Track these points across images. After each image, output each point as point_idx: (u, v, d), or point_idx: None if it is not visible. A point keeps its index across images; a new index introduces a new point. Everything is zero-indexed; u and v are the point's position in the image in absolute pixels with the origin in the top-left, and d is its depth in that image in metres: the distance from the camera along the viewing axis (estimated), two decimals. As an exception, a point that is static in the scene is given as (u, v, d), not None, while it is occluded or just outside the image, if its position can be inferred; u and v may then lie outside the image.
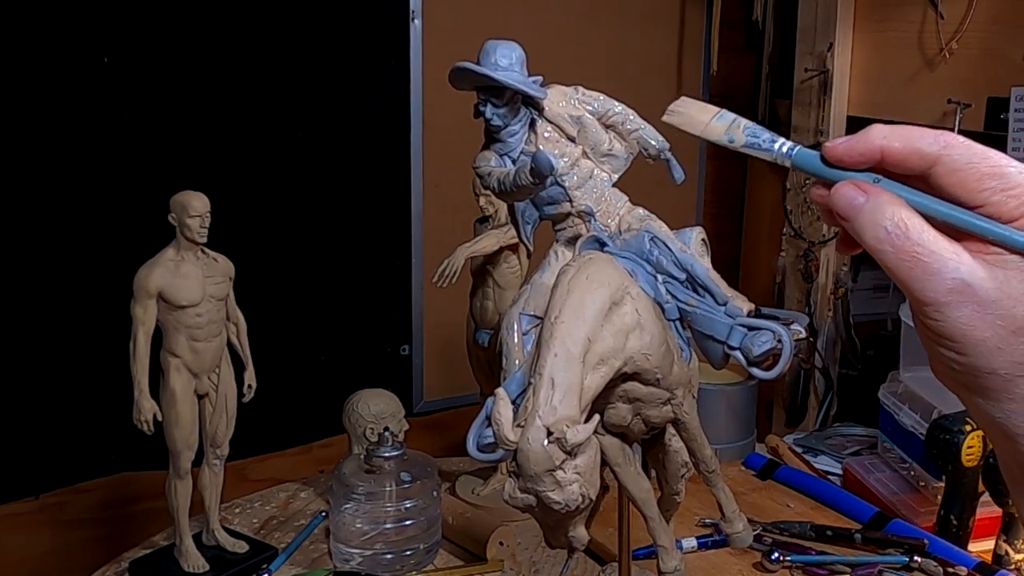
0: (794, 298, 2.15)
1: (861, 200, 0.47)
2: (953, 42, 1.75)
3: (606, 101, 0.73)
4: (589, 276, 0.62)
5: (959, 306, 0.45)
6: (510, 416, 0.57)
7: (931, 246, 0.45)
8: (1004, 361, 0.46)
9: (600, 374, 0.61)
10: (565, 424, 0.55)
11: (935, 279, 0.45)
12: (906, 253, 0.46)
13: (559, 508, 0.57)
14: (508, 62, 0.68)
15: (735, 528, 0.81)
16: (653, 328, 0.64)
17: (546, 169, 0.64)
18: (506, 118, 0.69)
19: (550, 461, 0.55)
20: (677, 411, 0.69)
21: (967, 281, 0.45)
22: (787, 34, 2.19)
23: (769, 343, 0.62)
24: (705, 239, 0.73)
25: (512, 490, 0.57)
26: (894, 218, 0.46)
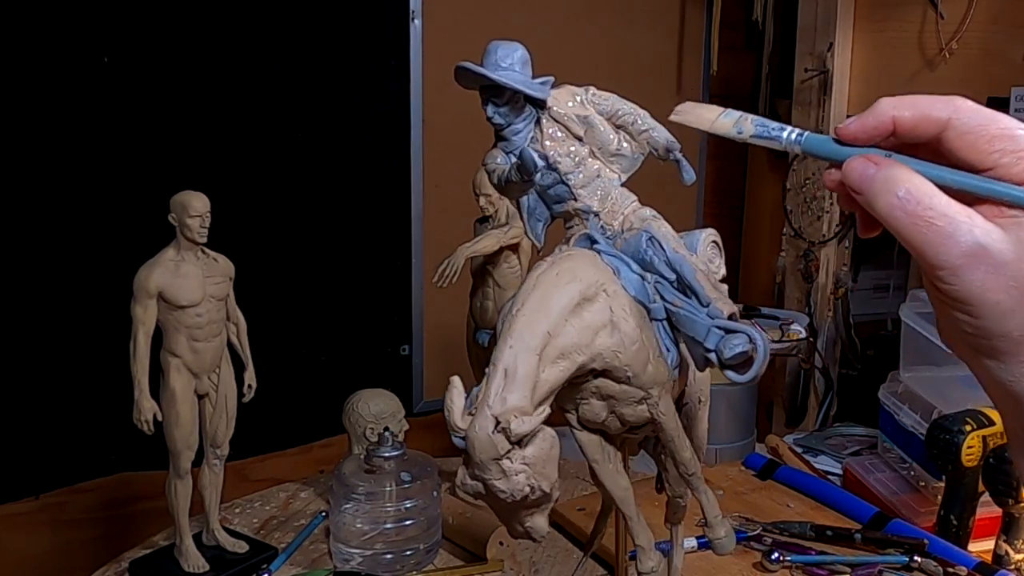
0: (794, 298, 2.15)
1: (872, 171, 0.48)
2: (953, 42, 1.75)
3: (617, 101, 0.73)
4: (560, 272, 0.63)
5: (973, 269, 0.45)
6: (461, 404, 0.58)
7: (943, 210, 0.45)
8: (1018, 323, 0.46)
9: (559, 368, 0.61)
10: (513, 415, 0.56)
11: (949, 242, 0.45)
12: (919, 218, 0.46)
13: (504, 497, 0.57)
14: (509, 62, 0.69)
15: (717, 534, 0.81)
16: (626, 326, 0.65)
17: (530, 166, 0.65)
18: (507, 117, 0.70)
19: (495, 450, 0.56)
20: (652, 411, 0.69)
21: (981, 243, 0.45)
22: (787, 34, 2.19)
23: (741, 346, 0.62)
24: (717, 241, 0.74)
25: (463, 476, 0.58)
26: (906, 184, 0.46)
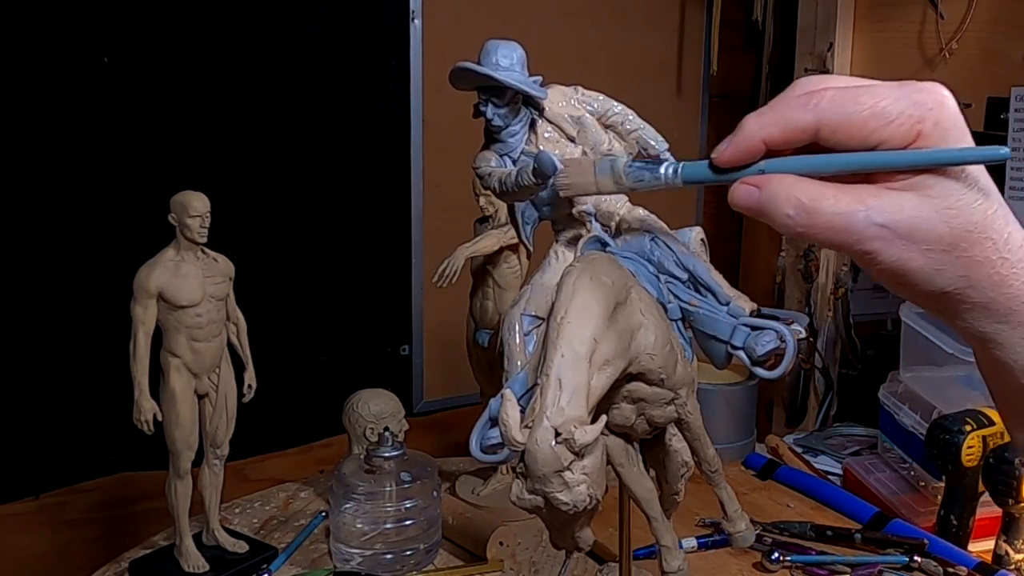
0: (794, 298, 2.15)
1: (756, 196, 0.48)
2: (953, 42, 1.75)
3: (605, 101, 0.73)
4: (593, 276, 0.62)
5: (887, 246, 0.46)
6: (518, 417, 0.56)
7: (833, 209, 0.46)
8: (948, 278, 0.47)
9: (606, 374, 0.61)
10: (573, 425, 0.55)
11: (854, 234, 0.46)
12: (817, 227, 0.47)
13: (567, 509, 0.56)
14: (509, 62, 0.68)
15: (738, 527, 0.81)
16: (657, 328, 0.64)
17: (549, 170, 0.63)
18: (507, 118, 0.69)
19: (558, 462, 0.55)
20: (681, 411, 0.69)
21: (880, 223, 0.46)
22: (787, 34, 2.19)
23: (773, 343, 0.62)
24: (704, 239, 0.73)
25: (520, 491, 0.57)
26: (790, 203, 0.47)
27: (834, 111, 0.46)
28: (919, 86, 0.46)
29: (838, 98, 0.46)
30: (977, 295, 0.48)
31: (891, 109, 0.45)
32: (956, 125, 0.46)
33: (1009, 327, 0.49)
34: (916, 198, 0.46)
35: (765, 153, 0.49)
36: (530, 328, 0.65)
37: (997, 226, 0.47)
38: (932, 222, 0.46)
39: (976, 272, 0.47)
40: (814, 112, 0.46)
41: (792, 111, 0.47)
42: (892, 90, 0.46)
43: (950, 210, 0.46)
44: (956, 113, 0.46)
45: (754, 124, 0.48)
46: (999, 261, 0.47)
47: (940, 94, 0.46)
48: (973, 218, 0.46)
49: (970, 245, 0.46)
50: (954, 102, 0.47)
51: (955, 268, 0.47)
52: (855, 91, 0.46)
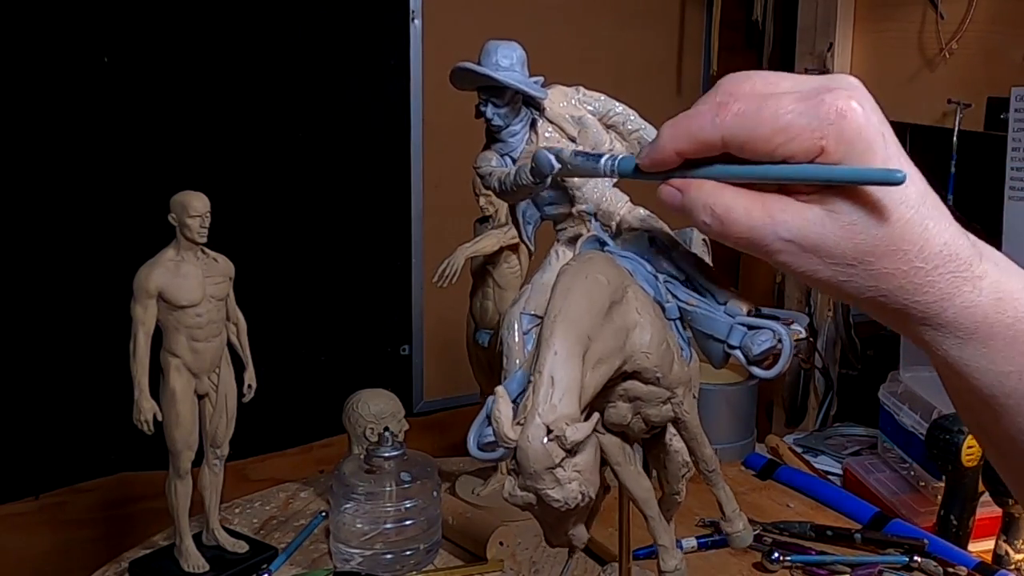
0: (794, 298, 2.15)
1: (678, 198, 0.50)
2: (953, 42, 1.75)
3: (607, 101, 0.73)
4: (588, 275, 0.62)
5: (795, 259, 0.47)
6: (510, 414, 0.56)
7: (743, 222, 0.47)
8: (858, 288, 0.48)
9: (600, 372, 0.61)
10: (564, 422, 0.55)
11: (763, 247, 0.47)
12: (730, 236, 0.48)
13: (559, 506, 0.56)
14: (509, 62, 0.68)
15: (736, 527, 0.81)
16: (653, 327, 0.64)
17: (546, 168, 0.63)
18: (507, 118, 0.69)
19: (549, 459, 0.55)
20: (677, 410, 0.69)
21: (786, 238, 0.47)
22: (787, 34, 2.19)
23: (769, 342, 0.62)
24: (706, 239, 0.73)
25: (512, 488, 0.57)
26: (705, 212, 0.48)
27: (738, 127, 0.46)
28: (823, 98, 0.45)
29: (742, 112, 0.46)
30: (890, 303, 0.48)
31: (793, 124, 0.45)
32: (860, 137, 0.45)
33: (932, 329, 0.48)
34: (822, 213, 0.46)
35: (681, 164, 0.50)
36: (529, 327, 0.65)
37: (910, 235, 0.46)
38: (834, 238, 0.46)
39: (886, 283, 0.47)
40: (719, 129, 0.47)
41: (702, 126, 0.47)
42: (797, 102, 0.45)
43: (853, 226, 0.46)
44: (861, 123, 0.45)
45: (667, 136, 0.49)
46: (911, 271, 0.46)
47: (844, 104, 0.45)
48: (878, 232, 0.46)
49: (877, 259, 0.46)
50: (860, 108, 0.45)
51: (864, 279, 0.47)
52: (760, 103, 0.46)
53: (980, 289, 0.47)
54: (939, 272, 0.46)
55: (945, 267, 0.46)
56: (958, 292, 0.47)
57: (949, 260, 0.47)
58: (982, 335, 0.48)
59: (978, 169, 1.72)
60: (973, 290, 0.47)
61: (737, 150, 0.47)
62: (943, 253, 0.46)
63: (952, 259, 0.47)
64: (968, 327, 0.47)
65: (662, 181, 0.52)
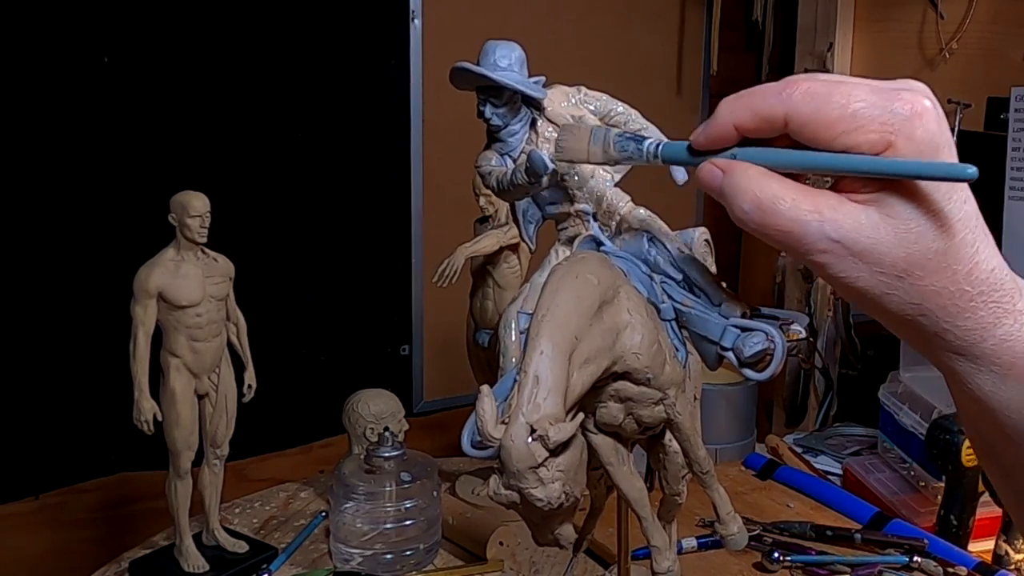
0: (794, 298, 2.15)
1: (720, 179, 0.47)
2: (953, 42, 1.75)
3: (608, 101, 0.73)
4: (579, 275, 0.62)
5: (838, 261, 0.44)
6: (494, 412, 0.57)
7: (789, 214, 0.44)
8: (899, 303, 0.45)
9: (587, 372, 0.61)
10: (548, 422, 0.55)
11: (805, 244, 0.45)
12: (770, 228, 0.45)
13: (542, 505, 0.57)
14: (507, 62, 0.68)
15: (730, 530, 0.81)
16: (644, 328, 0.64)
17: (540, 168, 0.63)
18: (505, 118, 0.69)
19: (532, 458, 0.55)
20: (669, 411, 0.69)
21: (834, 238, 0.44)
22: (787, 34, 2.19)
23: (761, 344, 0.62)
24: (708, 240, 0.73)
25: (496, 487, 0.57)
26: (748, 197, 0.45)
27: (805, 105, 0.44)
28: (899, 93, 0.43)
29: (812, 91, 0.44)
30: (930, 324, 0.45)
31: (863, 113, 0.43)
32: (931, 141, 0.43)
33: (966, 360, 0.46)
34: (877, 216, 0.44)
35: (739, 139, 0.47)
36: (526, 326, 0.65)
37: (961, 255, 0.44)
38: (888, 245, 0.43)
39: (930, 301, 0.45)
40: (785, 104, 0.44)
41: (765, 99, 0.45)
42: (870, 93, 0.43)
43: (909, 234, 0.43)
44: (934, 128, 0.43)
45: (727, 109, 0.47)
46: (957, 292, 0.44)
47: (920, 104, 0.43)
48: (933, 246, 0.44)
49: (927, 273, 0.44)
50: (936, 114, 0.44)
51: (907, 294, 0.44)
52: (832, 87, 0.44)
53: (1022, 324, 0.45)
54: (983, 299, 0.45)
55: (990, 295, 0.45)
56: (999, 323, 0.45)
57: (994, 289, 0.45)
58: (1019, 371, 0.45)
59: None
60: (1014, 324, 0.45)
61: (798, 131, 0.44)
62: (989, 280, 0.45)
63: (997, 288, 0.45)
64: (1006, 361, 0.45)
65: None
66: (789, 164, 0.46)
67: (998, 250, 0.46)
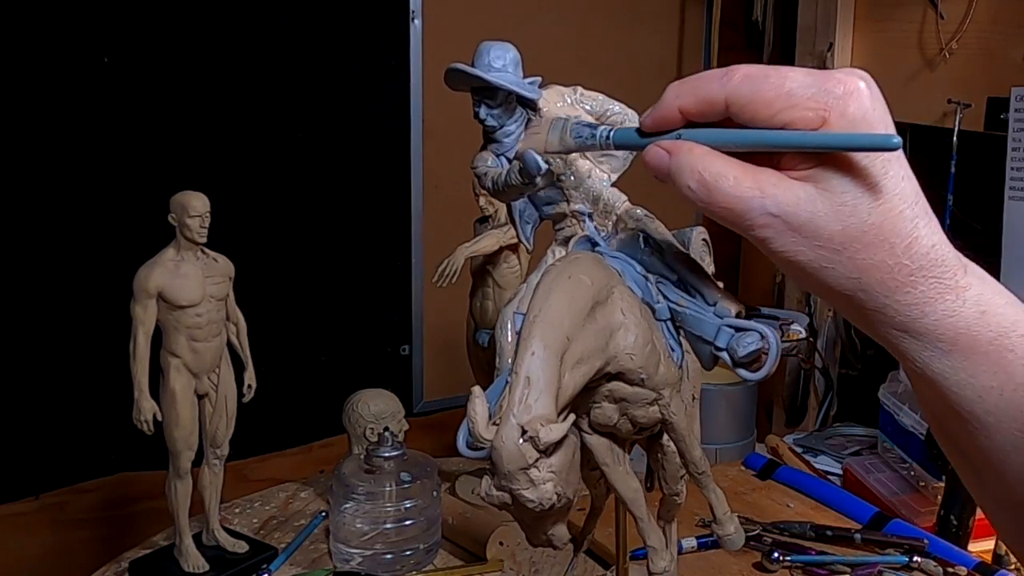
0: (794, 298, 2.15)
1: (666, 160, 0.49)
2: (953, 42, 1.75)
3: (605, 101, 0.73)
4: (571, 275, 0.62)
5: (778, 236, 0.46)
6: (485, 413, 0.57)
7: (731, 191, 0.46)
8: (837, 277, 0.46)
9: (580, 373, 0.61)
10: (539, 423, 0.55)
11: (747, 220, 0.46)
12: (714, 205, 0.47)
13: (533, 506, 0.57)
14: (502, 63, 0.68)
15: (727, 530, 0.81)
16: (638, 328, 0.64)
17: (533, 169, 0.63)
18: (500, 119, 0.69)
19: (523, 459, 0.55)
20: (664, 412, 0.69)
21: (774, 213, 0.45)
22: (787, 34, 2.19)
23: (755, 344, 0.61)
24: (707, 239, 0.73)
25: (488, 487, 0.57)
26: (692, 175, 0.47)
27: (743, 88, 0.46)
28: (833, 74, 0.45)
29: (750, 75, 0.46)
30: (869, 300, 0.46)
31: (798, 92, 0.45)
32: (864, 118, 0.44)
33: (909, 337, 0.47)
34: (814, 191, 0.45)
35: (685, 123, 0.49)
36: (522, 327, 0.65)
37: (899, 229, 0.45)
38: (825, 219, 0.45)
39: (868, 275, 0.45)
40: (725, 88, 0.46)
41: (707, 83, 0.47)
42: (806, 75, 0.45)
43: (844, 207, 0.44)
44: (867, 105, 0.44)
45: (673, 93, 0.49)
46: (895, 267, 0.45)
47: (854, 84, 0.45)
48: (869, 219, 0.44)
49: (863, 247, 0.45)
50: (869, 93, 0.45)
51: (845, 268, 0.45)
52: (769, 70, 0.46)
53: (964, 300, 0.46)
54: (923, 274, 0.45)
55: (930, 270, 0.45)
56: (941, 299, 0.46)
57: (935, 264, 0.45)
58: (963, 347, 0.46)
59: (978, 169, 1.72)
60: (956, 300, 0.46)
61: (738, 112, 0.46)
62: (930, 256, 0.45)
63: (938, 264, 0.46)
64: (949, 337, 0.46)
65: None
66: (730, 142, 0.47)
67: (940, 228, 0.47)
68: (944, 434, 0.53)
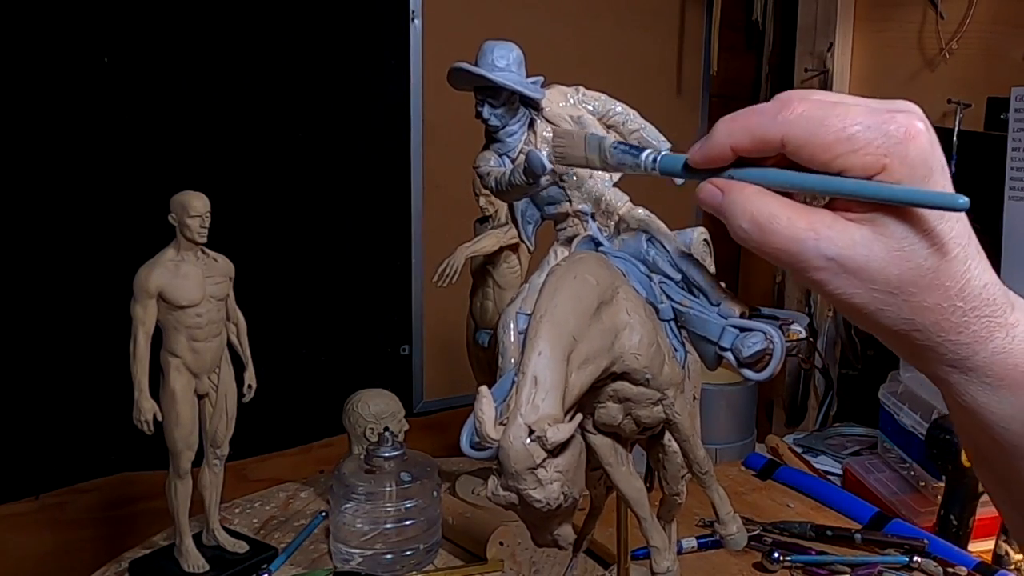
0: (794, 298, 2.15)
1: (719, 199, 0.48)
2: (953, 42, 1.75)
3: (607, 101, 0.73)
4: (577, 275, 0.62)
5: (833, 278, 0.45)
6: (492, 414, 0.56)
7: (786, 232, 0.45)
8: (893, 319, 0.46)
9: (586, 373, 0.61)
10: (547, 423, 0.55)
11: (801, 261, 0.46)
12: (768, 246, 0.46)
13: (540, 506, 0.56)
14: (505, 63, 0.68)
15: (730, 530, 0.81)
16: (643, 328, 0.64)
17: (538, 168, 0.63)
18: (503, 118, 0.69)
19: (531, 459, 0.55)
20: (668, 412, 0.69)
21: (829, 256, 0.45)
22: (787, 34, 2.19)
23: (759, 344, 0.62)
24: (708, 239, 0.73)
25: (495, 488, 0.57)
26: (746, 217, 0.46)
27: (801, 128, 0.45)
28: (893, 115, 0.44)
29: (808, 114, 0.45)
30: (923, 338, 0.46)
31: (859, 137, 0.44)
32: (924, 163, 0.44)
33: (959, 373, 0.47)
34: (871, 235, 0.45)
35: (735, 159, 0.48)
36: (524, 327, 0.65)
37: (953, 272, 0.45)
38: (881, 262, 0.44)
39: (923, 317, 0.46)
40: (782, 127, 0.45)
41: (762, 122, 0.46)
42: (866, 115, 0.44)
43: (902, 253, 0.44)
44: (927, 149, 0.44)
45: (724, 130, 0.47)
46: (949, 308, 0.45)
47: (914, 127, 0.44)
48: (926, 264, 0.45)
49: (919, 291, 0.45)
50: (928, 136, 0.45)
51: (901, 310, 0.46)
52: (828, 109, 0.44)
53: (1013, 336, 0.46)
54: (975, 314, 0.46)
55: (982, 310, 0.46)
56: (991, 337, 0.46)
57: (986, 304, 0.46)
58: (1011, 382, 0.47)
59: (978, 169, 1.72)
60: (1006, 337, 0.46)
61: (794, 152, 0.45)
62: (982, 296, 0.46)
63: (989, 303, 0.46)
64: (998, 373, 0.47)
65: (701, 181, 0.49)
66: (784, 184, 0.46)
67: (990, 265, 0.47)
68: (986, 465, 0.53)
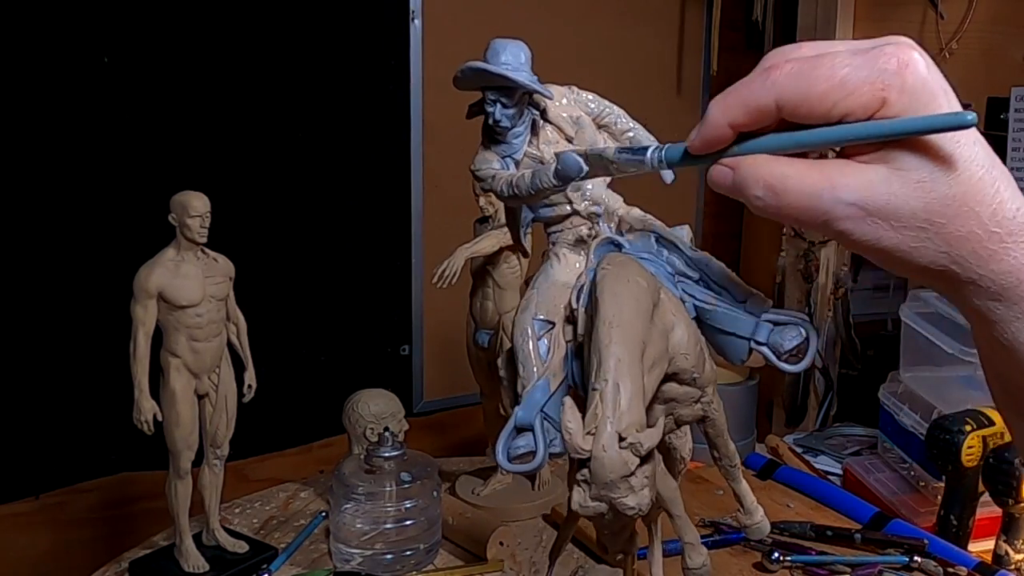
0: (794, 298, 2.15)
1: (730, 178, 0.47)
2: (953, 42, 1.76)
3: (600, 101, 0.72)
4: (630, 279, 0.61)
5: (858, 225, 0.44)
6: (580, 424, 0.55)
7: (801, 188, 0.44)
8: (928, 255, 0.45)
9: (654, 375, 0.60)
10: (635, 429, 0.55)
11: (822, 213, 0.44)
12: (785, 209, 0.45)
13: (633, 513, 0.55)
14: (518, 62, 0.66)
15: (755, 519, 0.81)
16: (688, 328, 0.64)
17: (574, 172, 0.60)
18: (514, 119, 0.68)
19: (625, 467, 0.54)
20: (707, 408, 0.69)
21: (849, 202, 0.44)
22: (787, 34, 2.19)
23: (799, 337, 0.63)
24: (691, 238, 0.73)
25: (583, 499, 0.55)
26: (758, 186, 0.45)
27: (791, 86, 0.44)
28: (883, 49, 0.43)
29: (795, 71, 0.43)
30: (963, 272, 0.44)
31: (850, 78, 0.42)
32: (925, 88, 0.43)
33: (1003, 305, 0.45)
34: (887, 172, 0.43)
35: (736, 136, 0.47)
36: (541, 333, 0.65)
37: (981, 196, 0.43)
38: (903, 198, 0.43)
39: (958, 248, 0.44)
40: (772, 90, 0.44)
41: (752, 91, 0.45)
42: (852, 56, 0.43)
43: (921, 184, 0.43)
44: (923, 74, 0.43)
45: (718, 111, 0.47)
46: (985, 235, 0.43)
47: (905, 54, 0.43)
48: (949, 191, 0.43)
49: (948, 220, 0.43)
50: (923, 61, 0.43)
51: (935, 244, 0.44)
52: (814, 60, 0.43)
53: None
54: (1014, 239, 0.44)
55: (1020, 235, 0.44)
56: None
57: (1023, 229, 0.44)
58: None
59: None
60: None
61: (791, 113, 0.44)
62: (1017, 219, 0.44)
63: None
64: None
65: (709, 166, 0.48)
66: (790, 145, 0.46)
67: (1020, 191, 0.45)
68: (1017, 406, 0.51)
